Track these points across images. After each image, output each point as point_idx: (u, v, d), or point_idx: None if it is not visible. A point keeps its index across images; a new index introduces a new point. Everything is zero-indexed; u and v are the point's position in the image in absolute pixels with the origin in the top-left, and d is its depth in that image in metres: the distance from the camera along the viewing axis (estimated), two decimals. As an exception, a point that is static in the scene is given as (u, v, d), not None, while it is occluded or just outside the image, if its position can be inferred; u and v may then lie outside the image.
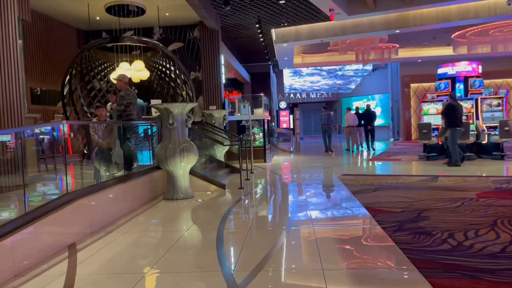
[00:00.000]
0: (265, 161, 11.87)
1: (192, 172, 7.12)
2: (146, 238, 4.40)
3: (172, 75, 10.84)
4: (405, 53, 18.64)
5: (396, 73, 21.39)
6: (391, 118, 22.44)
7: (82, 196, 4.39)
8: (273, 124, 20.04)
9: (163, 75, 11.08)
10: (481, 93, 12.10)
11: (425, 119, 11.32)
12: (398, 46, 17.09)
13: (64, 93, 8.90)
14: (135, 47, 10.66)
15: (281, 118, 21.64)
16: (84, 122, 8.04)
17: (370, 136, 14.93)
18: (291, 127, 20.90)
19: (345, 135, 15.55)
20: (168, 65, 10.76)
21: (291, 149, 15.78)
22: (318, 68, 22.87)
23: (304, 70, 23.61)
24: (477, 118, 10.94)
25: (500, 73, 19.46)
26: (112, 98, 7.41)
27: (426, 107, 11.40)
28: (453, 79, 13.20)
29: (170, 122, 6.42)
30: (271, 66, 22.28)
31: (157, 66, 11.01)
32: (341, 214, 5.25)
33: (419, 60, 19.46)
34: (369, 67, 23.80)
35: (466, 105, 10.94)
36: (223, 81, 11.74)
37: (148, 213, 5.62)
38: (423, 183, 7.08)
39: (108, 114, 7.29)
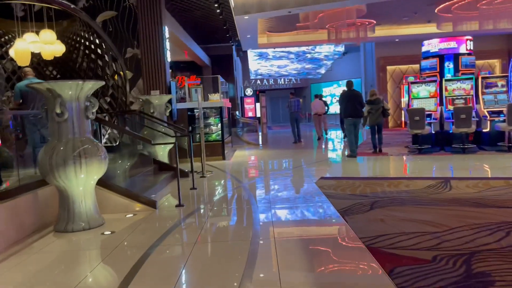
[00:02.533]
0: (223, 159, 9.65)
1: (106, 184, 4.82)
2: None
3: (99, 51, 8.38)
4: (382, 31, 16.73)
5: (370, 55, 19.54)
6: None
7: None
8: (236, 113, 17.79)
9: (87, 51, 8.59)
10: (472, 73, 10.33)
11: (416, 104, 9.40)
12: (375, 22, 15.13)
13: None
14: (43, 12, 8.09)
15: (246, 106, 19.48)
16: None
17: None
18: (258, 115, 18.75)
19: (314, 123, 14.81)
20: (92, 38, 8.28)
21: (258, 142, 13.61)
22: (286, 50, 20.72)
23: (271, 53, 21.40)
24: (477, 102, 9.12)
25: (481, 54, 17.97)
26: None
27: (416, 89, 9.48)
28: (441, 57, 11.47)
29: (58, 111, 4.07)
30: (234, 48, 19.92)
31: (78, 39, 8.49)
32: (332, 275, 3.11)
33: (397, 40, 17.65)
34: (341, 49, 21.88)
35: (465, 86, 9.09)
36: (169, 59, 9.36)
37: (14, 261, 3.31)
38: (435, 192, 5.08)
39: None
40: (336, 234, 3.68)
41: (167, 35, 9.33)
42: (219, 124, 9.86)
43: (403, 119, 18.26)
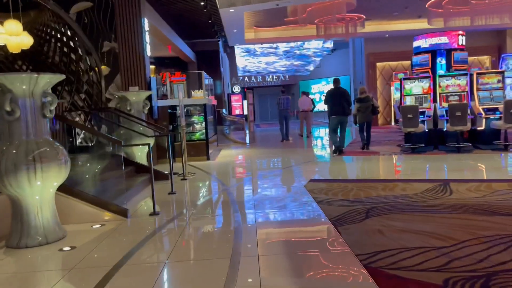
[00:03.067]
0: (208, 159, 9.14)
1: (70, 191, 4.28)
2: None
3: (71, 44, 7.79)
4: (371, 27, 16.36)
5: (359, 52, 19.17)
6: (353, 102, 20.30)
7: None
8: (223, 110, 17.26)
9: (59, 44, 7.98)
10: (465, 69, 9.98)
11: (408, 101, 9.00)
12: (364, 17, 14.73)
13: None
14: (9, 2, 7.44)
15: (233, 104, 18.97)
16: None
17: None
18: (245, 113, 18.26)
19: (299, 120, 14.82)
20: (63, 29, 7.68)
21: (245, 140, 13.11)
22: (274, 46, 20.23)
23: (259, 49, 20.89)
24: (472, 99, 8.75)
25: (471, 50, 17.72)
26: None
27: (408, 85, 9.07)
28: (433, 53, 11.10)
29: (8, 109, 3.52)
30: (220, 44, 19.36)
31: (48, 31, 7.88)
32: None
33: (386, 36, 17.30)
34: (329, 45, 21.46)
35: (460, 82, 8.71)
36: (149, 53, 8.80)
37: None
38: (435, 197, 4.65)
39: None
40: (329, 251, 3.21)
41: (147, 28, 8.76)
42: (204, 123, 9.33)
43: (393, 116, 17.96)
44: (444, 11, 13.80)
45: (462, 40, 10.80)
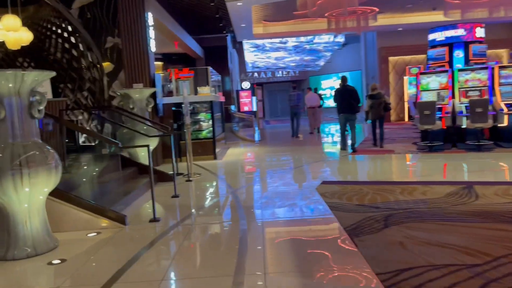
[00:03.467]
0: (215, 158, 8.81)
1: (63, 196, 3.98)
2: None
3: (72, 39, 7.50)
4: (384, 20, 15.84)
5: (372, 46, 18.64)
6: (365, 97, 19.76)
7: None
8: (232, 107, 16.93)
9: (60, 40, 7.70)
10: (484, 63, 9.50)
11: (424, 96, 8.55)
12: (377, 10, 14.23)
13: None
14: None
15: (242, 100, 18.63)
16: None
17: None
18: (254, 109, 17.89)
19: (308, 117, 14.67)
20: (63, 25, 7.39)
21: (253, 138, 12.76)
22: (284, 41, 19.80)
23: (268, 45, 20.47)
24: (492, 94, 8.27)
25: (487, 43, 17.10)
26: None
27: (425, 80, 8.62)
28: (450, 46, 10.62)
29: (-9, 109, 3.22)
30: (229, 39, 19.01)
31: (49, 26, 7.60)
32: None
33: (400, 29, 16.74)
34: (340, 39, 20.94)
35: (480, 76, 8.24)
36: (153, 49, 8.47)
37: None
38: (459, 203, 4.25)
39: None
40: (345, 271, 2.84)
41: (151, 22, 8.44)
42: (210, 120, 8.99)
43: (406, 112, 17.45)
44: (461, 2, 13.23)
45: (480, 32, 10.30)
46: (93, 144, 7.89)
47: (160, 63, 17.77)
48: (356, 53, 23.44)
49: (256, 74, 31.08)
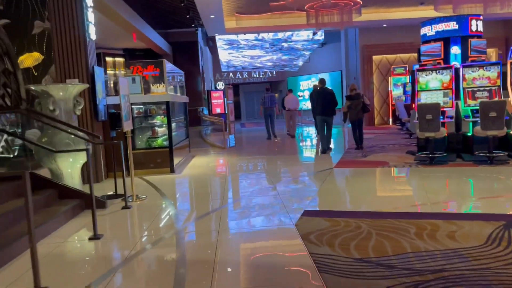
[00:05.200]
0: (172, 171, 7.19)
1: None
2: None
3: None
4: (367, 15, 14.55)
5: (353, 44, 17.35)
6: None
7: None
8: (202, 109, 15.32)
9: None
10: (483, 60, 8.26)
11: (423, 98, 7.17)
12: (361, 3, 12.91)
13: None
14: None
15: (214, 101, 17.01)
16: None
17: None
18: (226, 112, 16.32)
19: (285, 119, 14.34)
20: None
21: (225, 143, 11.17)
22: (260, 38, 18.31)
23: (242, 42, 18.94)
24: (503, 95, 6.97)
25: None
26: None
27: (423, 78, 7.24)
28: (446, 41, 9.37)
29: None
30: (200, 35, 17.39)
31: None
32: None
33: (384, 25, 15.51)
34: (320, 37, 19.59)
35: (490, 74, 6.92)
36: (93, 36, 6.78)
37: None
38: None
39: None
40: None
41: (89, 2, 6.74)
42: (164, 126, 7.36)
43: (390, 115, 16.22)
44: (453, -4, 12.03)
45: (478, 26, 9.06)
46: (11, 156, 6.14)
47: (121, 59, 16.03)
48: (335, 52, 22.18)
49: (231, 75, 29.52)
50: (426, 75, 7.18)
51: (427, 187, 5.21)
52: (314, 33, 18.87)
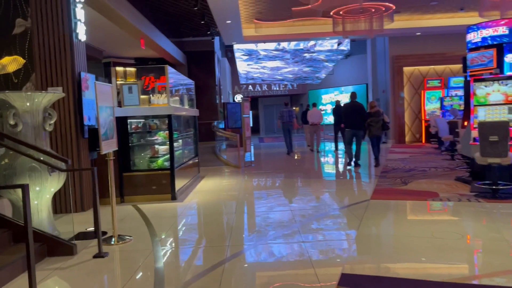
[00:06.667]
0: (173, 198, 6.01)
1: None
2: None
3: None
4: (399, 22, 13.26)
5: (382, 54, 16.00)
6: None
7: None
8: (214, 123, 14.20)
9: None
10: (544, 71, 6.87)
11: (482, 114, 5.82)
12: (393, 7, 11.64)
13: None
14: None
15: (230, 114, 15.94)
16: None
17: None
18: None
19: (305, 133, 14.47)
20: None
21: (238, 162, 9.96)
22: (280, 48, 17.19)
23: (261, 52, 17.86)
24: None
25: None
26: None
27: (482, 90, 5.89)
28: (499, 47, 8.06)
29: None
30: (217, 44, 16.41)
31: None
32: None
33: (418, 33, 14.16)
34: (345, 47, 18.32)
35: None
36: (82, 37, 5.70)
37: None
38: None
39: None
40: None
41: (80, -3, 5.70)
42: (167, 144, 6.20)
43: (423, 133, 14.73)
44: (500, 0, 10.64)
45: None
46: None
47: (133, 69, 15.11)
48: (360, 64, 20.86)
49: (250, 87, 28.48)
50: (486, 86, 5.83)
51: (506, 235, 3.84)
52: (339, 43, 17.65)
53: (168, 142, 6.20)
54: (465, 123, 6.95)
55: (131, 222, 4.90)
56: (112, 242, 4.04)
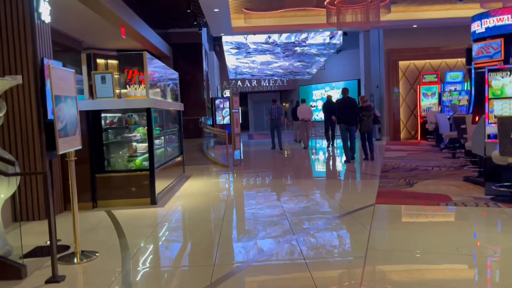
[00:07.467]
0: (153, 203, 5.31)
1: None
2: None
3: None
4: (395, 14, 12.69)
5: (376, 48, 15.43)
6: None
7: None
8: (201, 119, 13.49)
9: None
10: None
11: (498, 108, 5.23)
12: (390, -2, 11.06)
13: None
14: None
15: (218, 111, 15.22)
16: None
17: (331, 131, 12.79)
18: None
19: (294, 129, 14.67)
20: None
21: (226, 161, 9.27)
22: (271, 41, 16.50)
23: (251, 45, 17.15)
24: None
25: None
26: None
27: (498, 82, 5.29)
28: (508, 37, 7.63)
29: None
30: (204, 36, 15.67)
31: None
32: None
33: (414, 26, 13.61)
34: (337, 41, 17.69)
35: None
36: (45, 19, 4.93)
37: None
38: None
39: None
40: None
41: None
42: (146, 141, 5.49)
43: (419, 129, 14.21)
44: (502, -11, 10.11)
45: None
46: None
47: (115, 61, 14.31)
48: (352, 60, 20.29)
49: (239, 83, 27.78)
50: (502, 77, 5.24)
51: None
52: (332, 36, 17.03)
53: (147, 139, 5.49)
54: (476, 118, 6.38)
55: (102, 233, 4.20)
56: (75, 261, 3.34)
